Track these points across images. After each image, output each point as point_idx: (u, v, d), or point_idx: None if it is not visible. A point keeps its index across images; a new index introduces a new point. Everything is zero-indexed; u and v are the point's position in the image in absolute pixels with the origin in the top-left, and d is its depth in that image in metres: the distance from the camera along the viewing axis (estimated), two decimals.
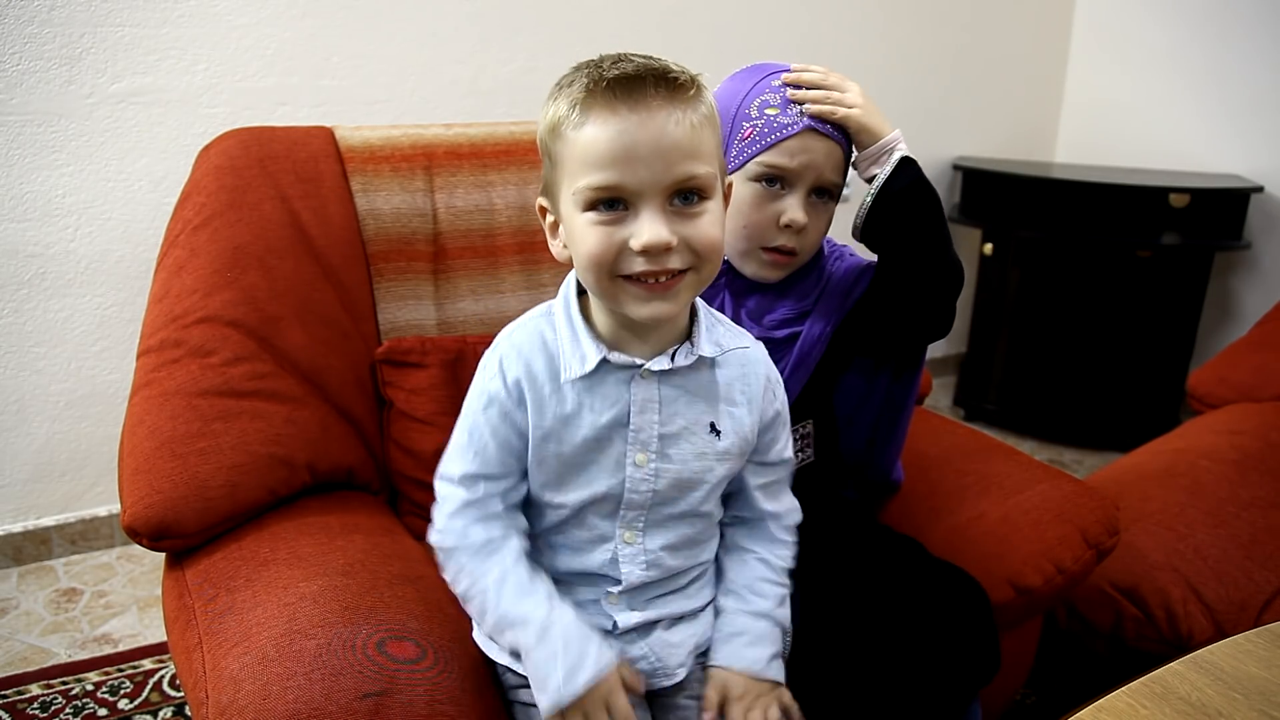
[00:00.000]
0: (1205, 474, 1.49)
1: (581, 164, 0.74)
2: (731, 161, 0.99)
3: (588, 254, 0.75)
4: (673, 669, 0.86)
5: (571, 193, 0.75)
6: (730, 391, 0.86)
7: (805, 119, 0.97)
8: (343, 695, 0.76)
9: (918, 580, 1.00)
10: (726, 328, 0.87)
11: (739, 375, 0.86)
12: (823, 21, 2.40)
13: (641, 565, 0.85)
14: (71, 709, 1.39)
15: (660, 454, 0.82)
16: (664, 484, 0.83)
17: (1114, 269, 2.38)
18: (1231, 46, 2.50)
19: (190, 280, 1.14)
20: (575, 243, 0.77)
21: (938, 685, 0.94)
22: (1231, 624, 1.25)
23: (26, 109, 1.62)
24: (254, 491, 1.03)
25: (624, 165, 0.72)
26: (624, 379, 0.81)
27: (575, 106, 0.74)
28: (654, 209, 0.73)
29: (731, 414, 0.85)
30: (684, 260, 0.75)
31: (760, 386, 0.87)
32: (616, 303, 0.77)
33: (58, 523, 1.82)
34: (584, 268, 0.77)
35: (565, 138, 0.75)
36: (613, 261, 0.75)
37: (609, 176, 0.73)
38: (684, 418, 0.83)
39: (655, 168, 0.72)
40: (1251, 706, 0.76)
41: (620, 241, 0.74)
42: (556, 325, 0.83)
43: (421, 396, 1.22)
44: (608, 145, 0.72)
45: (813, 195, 0.99)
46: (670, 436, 0.82)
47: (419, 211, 1.29)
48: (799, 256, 1.01)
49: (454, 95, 1.97)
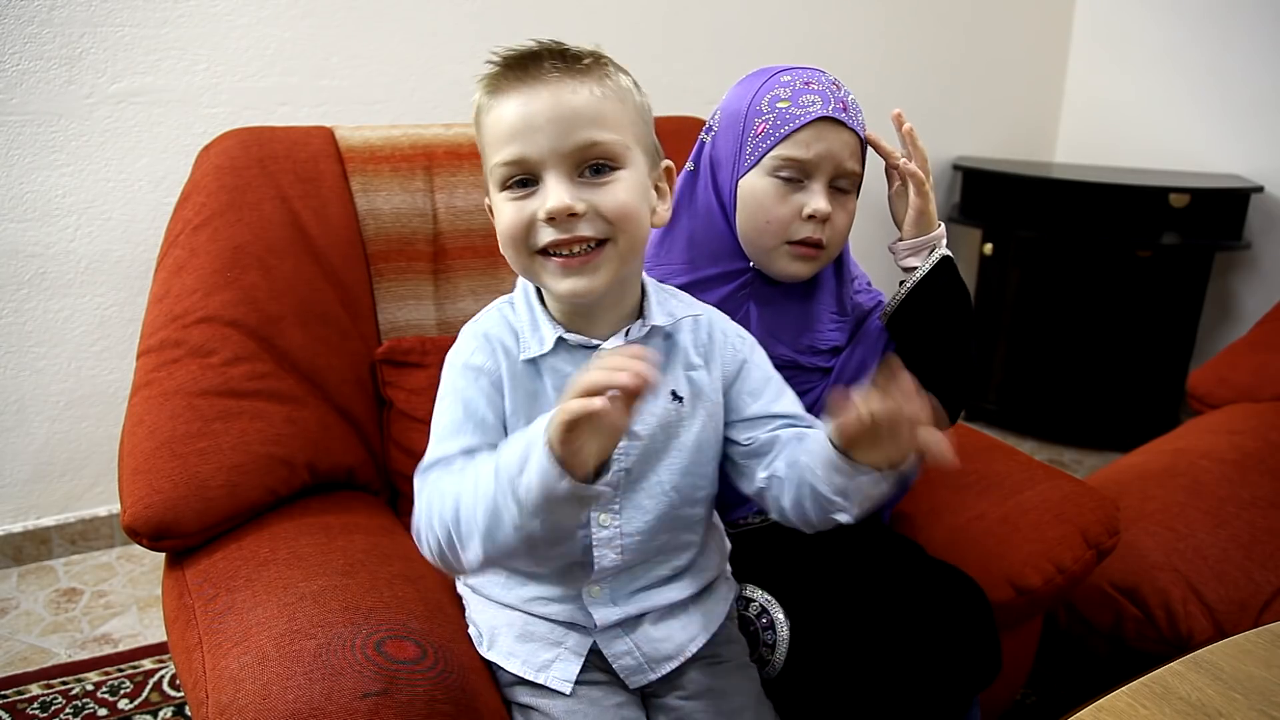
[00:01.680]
0: (1205, 474, 1.49)
1: (492, 145, 0.77)
2: (746, 160, 0.98)
3: (502, 230, 0.77)
4: (659, 663, 0.86)
5: (489, 172, 0.78)
6: (687, 355, 0.86)
7: (820, 108, 0.95)
8: (343, 695, 0.76)
9: (918, 582, 1.00)
10: (679, 299, 0.88)
11: (692, 338, 0.87)
12: (823, 22, 2.40)
13: (616, 549, 0.84)
14: (71, 709, 1.39)
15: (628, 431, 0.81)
16: (633, 459, 0.83)
17: (1114, 269, 2.38)
18: (1231, 46, 2.50)
19: (190, 280, 1.14)
20: (497, 224, 0.79)
21: (938, 687, 0.94)
22: (1231, 624, 1.25)
23: (26, 109, 1.62)
24: (254, 491, 1.03)
25: (525, 136, 0.74)
26: (581, 359, 0.82)
27: (484, 92, 0.78)
28: (559, 177, 0.75)
29: (691, 378, 0.85)
30: (595, 229, 0.76)
31: (717, 343, 0.88)
32: (539, 280, 0.79)
33: (58, 523, 1.82)
34: (503, 245, 0.78)
35: (480, 125, 0.79)
36: (525, 235, 0.76)
37: (512, 150, 0.75)
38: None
39: (554, 135, 0.74)
40: (1251, 706, 0.76)
41: (530, 214, 0.75)
42: (516, 309, 0.85)
43: (421, 396, 1.21)
44: (509, 120, 0.75)
45: (833, 186, 0.98)
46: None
47: (419, 211, 1.29)
48: (828, 250, 0.99)
49: (454, 95, 1.97)
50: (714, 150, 1.02)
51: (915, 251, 1.02)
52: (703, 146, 1.05)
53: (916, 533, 1.18)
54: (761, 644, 0.95)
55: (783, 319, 1.03)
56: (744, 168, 0.98)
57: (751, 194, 0.98)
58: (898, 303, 1.02)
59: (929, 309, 1.01)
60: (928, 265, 1.01)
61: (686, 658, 0.88)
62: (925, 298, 1.01)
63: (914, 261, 1.02)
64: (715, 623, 0.91)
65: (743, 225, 1.00)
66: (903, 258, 1.03)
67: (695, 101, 2.13)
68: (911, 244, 1.02)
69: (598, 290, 0.77)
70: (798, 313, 1.03)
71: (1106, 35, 2.75)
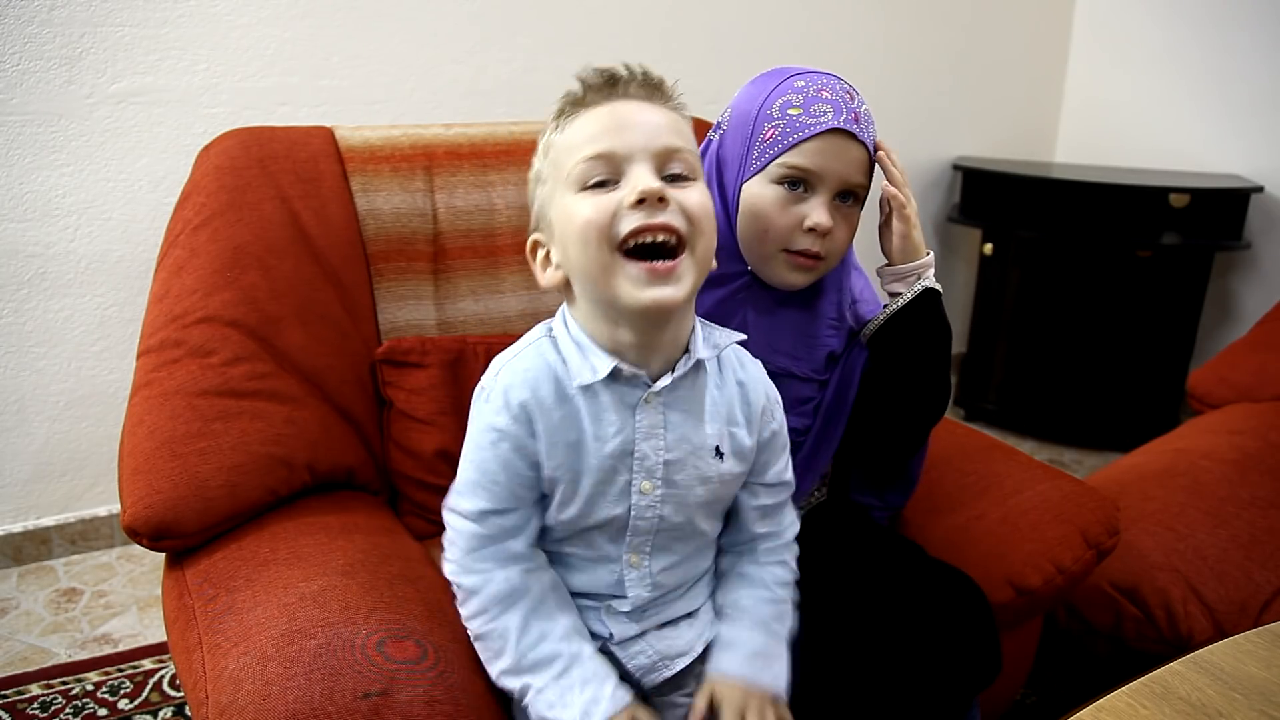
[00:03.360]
0: (1205, 474, 1.49)
1: (572, 150, 0.77)
2: (752, 164, 0.96)
3: (583, 221, 0.75)
4: (672, 660, 0.87)
5: (565, 179, 0.77)
6: (732, 411, 0.85)
7: (831, 119, 0.93)
8: (343, 695, 0.76)
9: (918, 583, 1.00)
10: (720, 330, 0.87)
11: (738, 394, 0.86)
12: (823, 22, 2.40)
13: (648, 587, 0.85)
14: (71, 709, 1.39)
15: (666, 480, 0.82)
16: (669, 509, 0.83)
17: (1114, 269, 2.38)
18: (1231, 46, 2.50)
19: (190, 280, 1.14)
20: (570, 225, 0.76)
21: (938, 687, 0.94)
22: (1231, 624, 1.25)
23: (26, 109, 1.62)
24: (254, 491, 1.03)
25: (614, 134, 0.75)
26: (629, 404, 0.80)
27: (561, 115, 0.79)
28: (645, 168, 0.75)
29: (733, 434, 0.85)
30: (679, 221, 0.75)
31: (759, 406, 0.87)
32: (615, 287, 0.75)
33: (58, 523, 1.82)
34: (580, 240, 0.75)
35: (554, 145, 0.79)
36: (608, 223, 0.74)
37: (601, 145, 0.75)
38: (689, 443, 0.82)
39: (643, 135, 0.76)
40: (1251, 706, 0.76)
41: (615, 203, 0.74)
42: (559, 342, 0.82)
43: (421, 396, 1.22)
44: (597, 122, 0.77)
45: (837, 199, 0.96)
46: (675, 463, 0.82)
47: (419, 211, 1.29)
48: (825, 262, 0.97)
49: (454, 95, 1.97)
50: (721, 149, 1.01)
51: (902, 278, 1.02)
52: (709, 144, 1.04)
53: (916, 533, 1.18)
54: None
55: (780, 327, 1.02)
56: (749, 172, 0.97)
57: (754, 200, 0.96)
58: (877, 326, 1.02)
59: (907, 337, 1.01)
60: (910, 295, 1.00)
61: (698, 654, 0.88)
62: (905, 326, 1.01)
63: (900, 288, 1.02)
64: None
65: (742, 230, 0.99)
66: (889, 283, 1.03)
67: (695, 101, 2.12)
68: (899, 270, 1.01)
69: (679, 301, 0.75)
70: (795, 321, 1.02)
71: (1106, 35, 2.76)
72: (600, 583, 0.85)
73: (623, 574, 0.85)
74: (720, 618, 0.90)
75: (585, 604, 0.86)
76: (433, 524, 1.18)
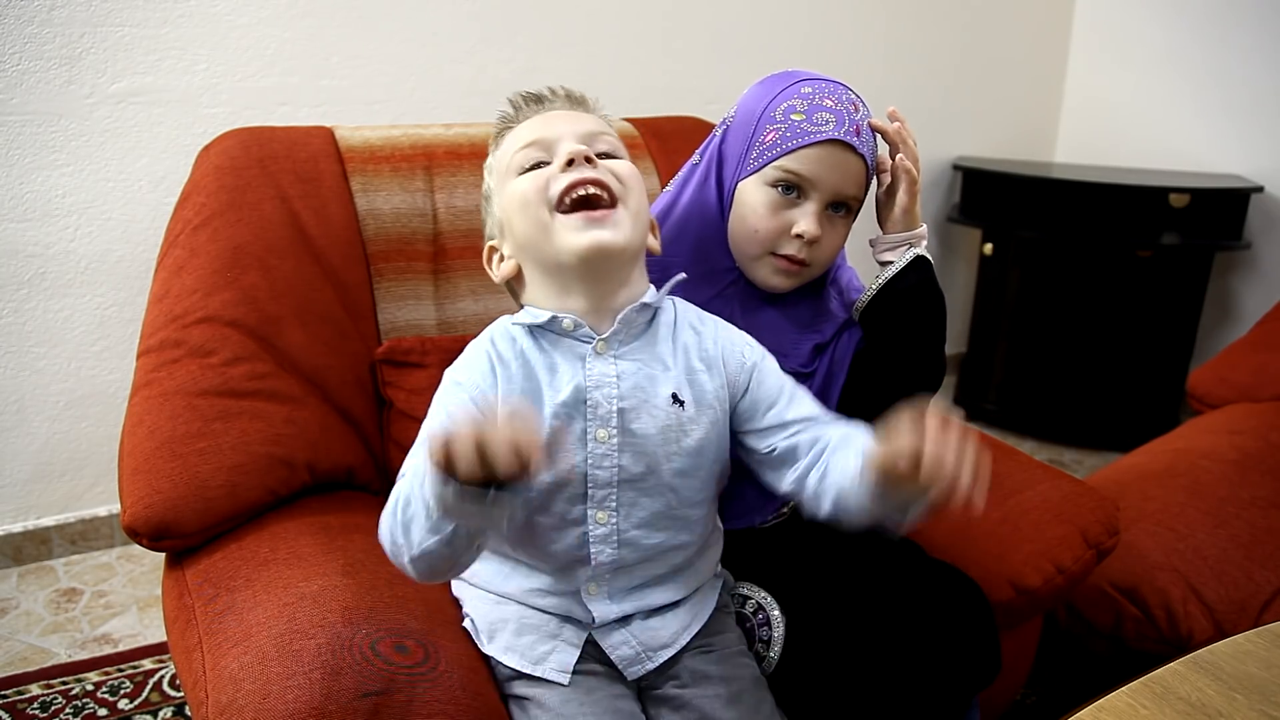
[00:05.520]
0: (1205, 474, 1.49)
1: (508, 153, 0.86)
2: (750, 164, 0.97)
3: (520, 192, 0.83)
4: (655, 651, 0.87)
5: (504, 172, 0.85)
6: (688, 358, 0.87)
7: (832, 129, 0.94)
8: (343, 695, 0.76)
9: (917, 582, 1.00)
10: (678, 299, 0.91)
11: (694, 342, 0.88)
12: (823, 22, 2.40)
13: (613, 545, 0.84)
14: (71, 709, 1.39)
15: (622, 429, 0.83)
16: (627, 458, 0.83)
17: (1114, 269, 2.38)
18: (1231, 46, 2.50)
19: (190, 280, 1.14)
20: (511, 202, 0.84)
21: (938, 687, 0.94)
22: (1231, 624, 1.25)
23: (26, 109, 1.62)
24: (254, 491, 1.03)
25: (543, 126, 0.86)
26: (580, 354, 0.83)
27: (499, 136, 0.91)
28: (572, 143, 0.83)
29: (693, 381, 0.86)
30: (609, 178, 0.82)
31: (719, 349, 0.88)
32: (556, 245, 0.81)
33: (58, 523, 1.82)
34: (520, 209, 0.82)
35: (497, 155, 0.89)
36: (543, 187, 0.81)
37: (531, 134, 0.85)
38: (643, 391, 0.83)
39: (569, 123, 0.86)
40: (1251, 706, 0.76)
41: (546, 176, 0.82)
42: (520, 314, 0.87)
43: (421, 396, 1.21)
44: (530, 126, 0.87)
45: (829, 209, 0.97)
46: (630, 410, 0.83)
47: (419, 211, 1.29)
48: (810, 269, 0.98)
49: (454, 95, 1.97)
50: (724, 145, 1.02)
51: (894, 247, 1.01)
52: (713, 139, 1.04)
53: (916, 533, 1.18)
54: (757, 640, 0.95)
55: (767, 325, 1.02)
56: (745, 171, 0.98)
57: (746, 199, 0.97)
58: (870, 297, 1.01)
59: (900, 305, 1.00)
60: (902, 261, 1.00)
61: (681, 646, 0.89)
62: (897, 294, 1.00)
63: (891, 257, 1.01)
64: (706, 611, 0.93)
65: (733, 227, 1.00)
66: (880, 252, 1.02)
67: (695, 101, 2.14)
68: (892, 239, 1.01)
69: (619, 243, 0.81)
70: (782, 320, 1.03)
71: (1106, 35, 2.76)
72: (564, 547, 0.84)
73: (588, 533, 0.84)
74: (834, 458, 0.83)
75: (561, 584, 0.86)
76: None
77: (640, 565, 0.87)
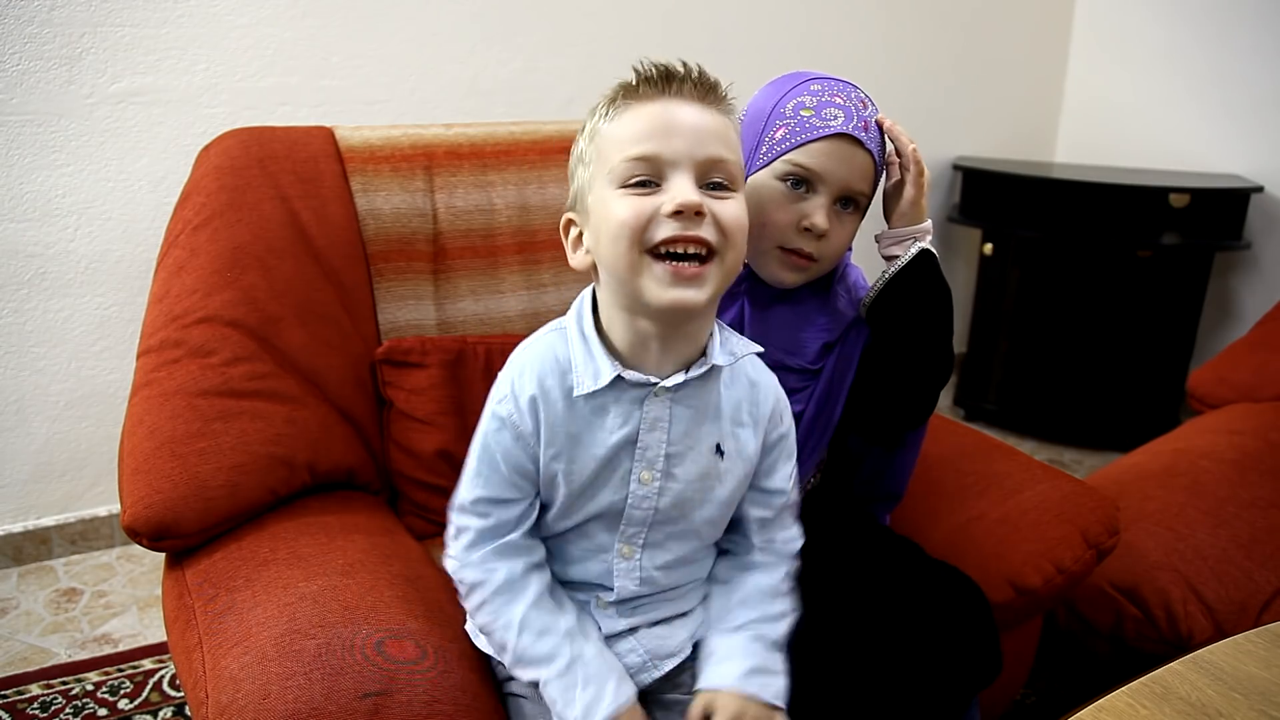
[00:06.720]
0: (1205, 474, 1.49)
1: (618, 144, 0.76)
2: (760, 159, 0.98)
3: (619, 221, 0.75)
4: (662, 660, 0.87)
5: (607, 172, 0.76)
6: (738, 412, 0.85)
7: (840, 124, 0.95)
8: (343, 695, 0.76)
9: (918, 582, 1.00)
10: (738, 339, 0.86)
11: (748, 396, 0.86)
12: (823, 21, 2.40)
13: (635, 580, 0.85)
14: (71, 709, 1.39)
15: (665, 473, 0.82)
16: (666, 502, 0.83)
17: (1114, 269, 2.38)
18: (1231, 46, 2.49)
19: (190, 280, 1.14)
20: (606, 220, 0.76)
21: (938, 687, 0.94)
22: (1231, 624, 1.25)
23: (26, 109, 1.62)
24: (254, 491, 1.03)
25: (661, 137, 0.75)
26: (636, 397, 0.81)
27: (612, 104, 0.78)
28: (688, 179, 0.75)
29: (737, 435, 0.85)
30: (712, 234, 0.75)
31: (768, 409, 0.87)
32: (639, 287, 0.75)
33: (58, 523, 1.82)
34: (612, 238, 0.75)
35: (600, 133, 0.78)
36: (643, 227, 0.74)
37: (646, 147, 0.75)
38: (691, 437, 0.82)
39: (690, 141, 0.75)
40: (1251, 706, 0.76)
41: (652, 208, 0.74)
42: (570, 339, 0.82)
43: (421, 396, 1.22)
44: (646, 121, 0.76)
45: (838, 204, 0.97)
46: (676, 455, 0.82)
47: (419, 211, 1.29)
48: (819, 264, 0.98)
49: (454, 95, 1.97)
50: None
51: (899, 241, 1.02)
52: None
53: (916, 533, 1.18)
54: None
55: (776, 323, 1.02)
56: (755, 166, 0.98)
57: (756, 193, 0.97)
58: (876, 291, 1.02)
59: (907, 299, 1.00)
60: (908, 256, 1.00)
61: (687, 654, 0.89)
62: (904, 288, 1.00)
63: (897, 251, 1.01)
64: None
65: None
66: (886, 246, 1.02)
67: None
68: (897, 233, 1.02)
69: (700, 305, 0.76)
70: (791, 318, 1.03)
71: (1106, 35, 2.75)
72: (590, 571, 0.85)
73: (612, 563, 0.85)
74: (711, 626, 0.89)
75: (575, 595, 0.87)
76: (433, 524, 1.18)
77: (654, 594, 0.88)
